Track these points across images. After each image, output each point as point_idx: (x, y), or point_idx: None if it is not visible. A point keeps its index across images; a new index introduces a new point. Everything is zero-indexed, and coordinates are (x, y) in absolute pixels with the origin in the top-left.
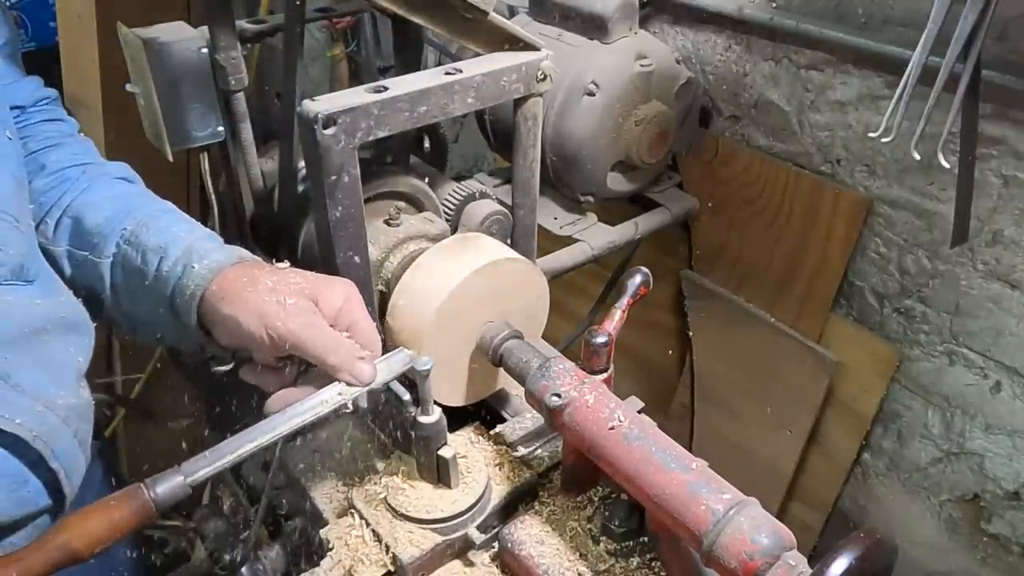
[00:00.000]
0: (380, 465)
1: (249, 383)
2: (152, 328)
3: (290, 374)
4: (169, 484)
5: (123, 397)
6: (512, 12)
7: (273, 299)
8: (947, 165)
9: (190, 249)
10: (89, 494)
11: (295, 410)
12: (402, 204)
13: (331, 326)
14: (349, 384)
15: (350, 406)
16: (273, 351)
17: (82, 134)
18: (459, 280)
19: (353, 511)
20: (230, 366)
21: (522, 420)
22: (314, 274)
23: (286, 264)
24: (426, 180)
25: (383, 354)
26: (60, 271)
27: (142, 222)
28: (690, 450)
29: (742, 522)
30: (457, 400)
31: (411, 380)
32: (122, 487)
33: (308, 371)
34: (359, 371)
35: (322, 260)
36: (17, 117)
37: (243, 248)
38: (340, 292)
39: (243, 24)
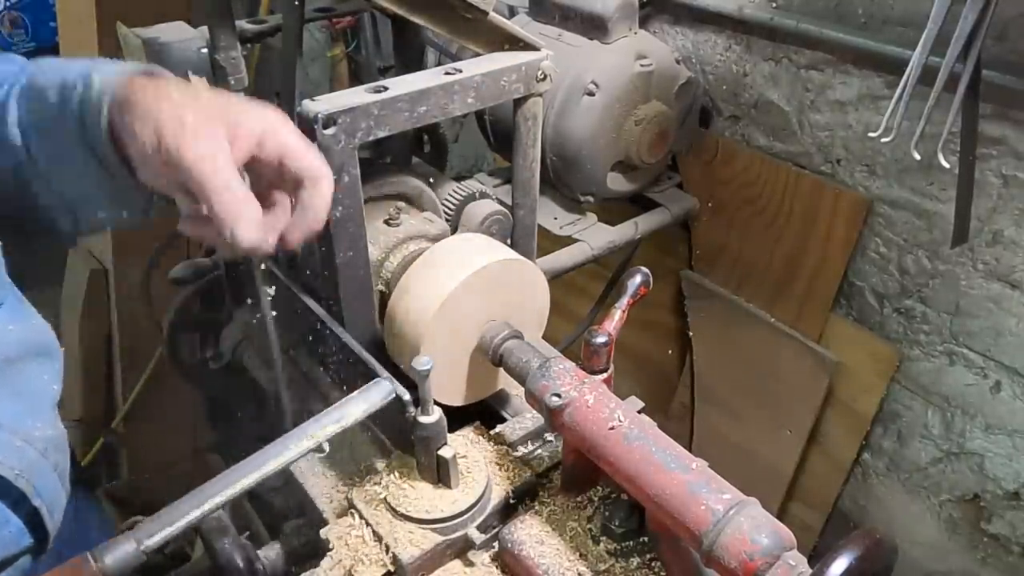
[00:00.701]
0: (380, 465)
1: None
2: (76, 186)
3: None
4: (120, 552)
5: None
6: (512, 12)
7: (175, 114)
8: (947, 165)
9: (91, 66)
10: (66, 526)
11: (256, 461)
12: (402, 204)
13: (254, 159)
14: (229, 241)
15: (326, 447)
16: (168, 176)
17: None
18: (459, 280)
19: (353, 511)
20: (223, 362)
21: (522, 420)
22: (236, 97)
23: (202, 79)
24: (426, 180)
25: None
26: None
27: (35, 72)
28: (690, 450)
29: (742, 522)
30: (457, 400)
31: (411, 380)
32: (105, 523)
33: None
34: (240, 229)
35: (322, 260)
36: None
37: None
38: (262, 118)
39: (243, 24)
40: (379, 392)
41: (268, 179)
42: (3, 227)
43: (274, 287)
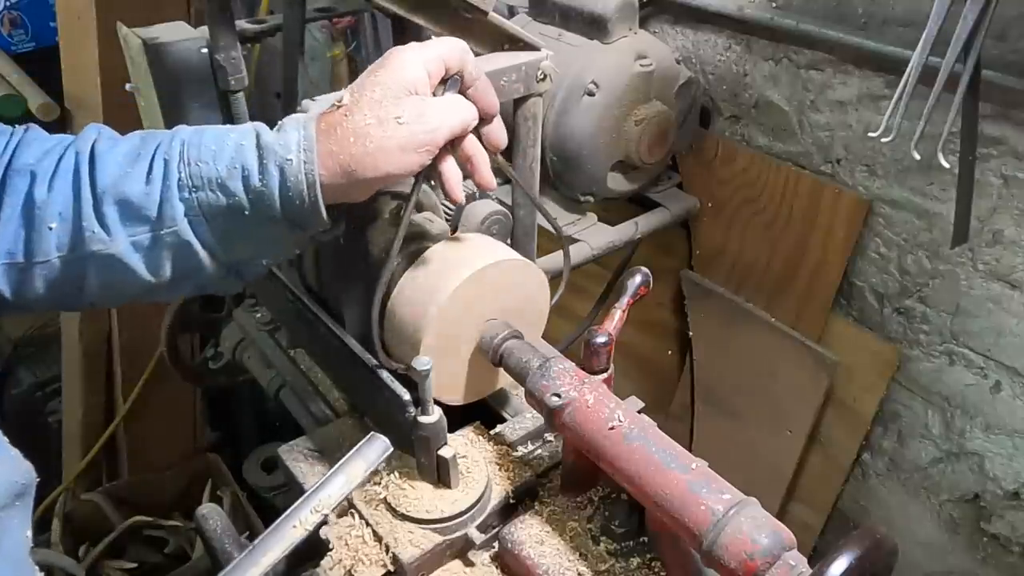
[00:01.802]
0: (380, 465)
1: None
2: (258, 256)
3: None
4: None
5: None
6: (512, 12)
7: (384, 127)
8: (947, 165)
9: (263, 147)
10: None
11: (257, 555)
12: (402, 204)
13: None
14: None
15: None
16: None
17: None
18: (460, 280)
19: (353, 511)
20: (223, 362)
21: (522, 420)
22: (371, 68)
23: (345, 95)
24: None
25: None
26: (129, 276)
27: (189, 160)
28: (690, 450)
29: (742, 522)
30: (457, 400)
31: (411, 380)
32: None
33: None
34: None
35: (322, 260)
36: None
37: (303, 115)
38: (413, 57)
39: (243, 24)
40: (375, 450)
41: None
42: None
43: None
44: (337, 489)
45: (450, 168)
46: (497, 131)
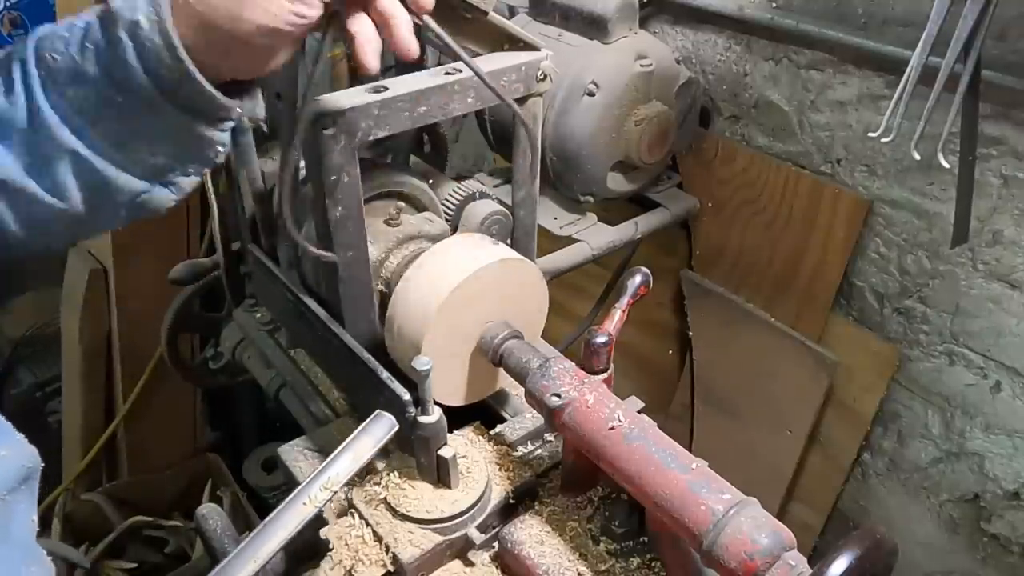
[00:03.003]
0: (380, 465)
1: None
2: (173, 161)
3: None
4: None
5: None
6: (512, 12)
7: None
8: (947, 165)
9: (105, 11)
10: None
11: (280, 519)
12: (402, 204)
13: None
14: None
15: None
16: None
17: None
18: (460, 280)
19: (353, 511)
20: (223, 362)
21: (522, 420)
22: None
23: None
24: (426, 180)
25: None
26: (36, 205)
27: (40, 39)
28: (690, 450)
29: (742, 522)
30: (457, 400)
31: (411, 380)
32: None
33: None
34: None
35: (322, 260)
36: None
37: None
38: None
39: None
40: (382, 427)
41: None
42: None
43: None
44: (346, 466)
45: (361, 28)
46: None
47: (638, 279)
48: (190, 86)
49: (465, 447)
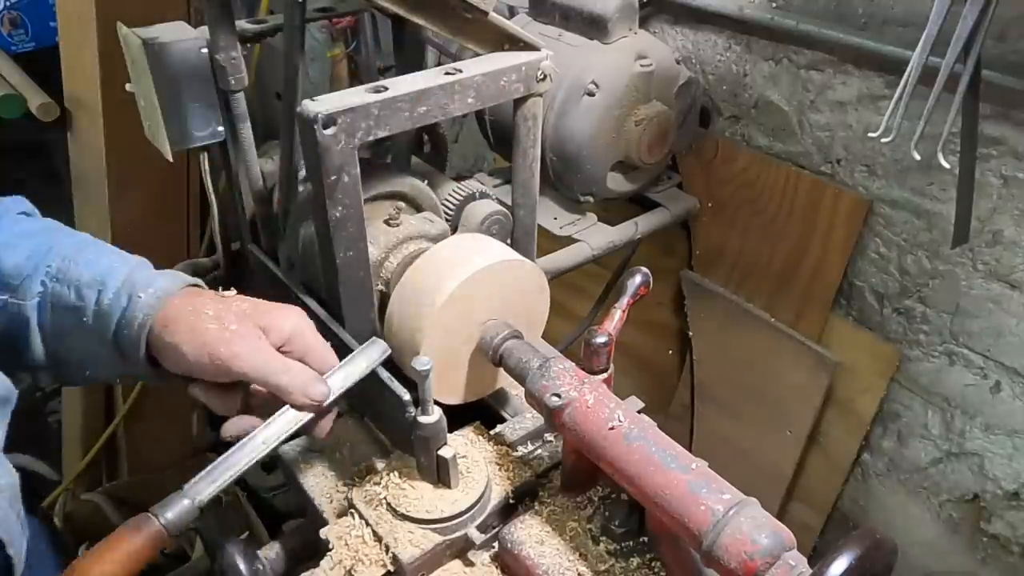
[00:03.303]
0: (380, 465)
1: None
2: (84, 366)
3: (239, 396)
4: (178, 509)
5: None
6: (512, 12)
7: (216, 325)
8: (947, 165)
9: (131, 279)
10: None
11: (285, 419)
12: (402, 204)
13: (284, 352)
14: (302, 408)
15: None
16: (220, 377)
17: None
18: (460, 280)
19: (353, 511)
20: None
21: (522, 420)
22: (263, 301)
23: (232, 292)
24: (426, 180)
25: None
26: None
27: (68, 257)
28: (690, 450)
29: (742, 522)
30: (456, 399)
31: (411, 380)
32: (66, 559)
33: (254, 396)
34: (311, 391)
35: (322, 260)
36: None
37: (183, 273)
38: (289, 319)
39: (243, 24)
40: (377, 349)
41: None
42: None
43: None
44: (338, 383)
45: (247, 407)
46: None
47: (638, 279)
48: (134, 351)
49: (465, 447)
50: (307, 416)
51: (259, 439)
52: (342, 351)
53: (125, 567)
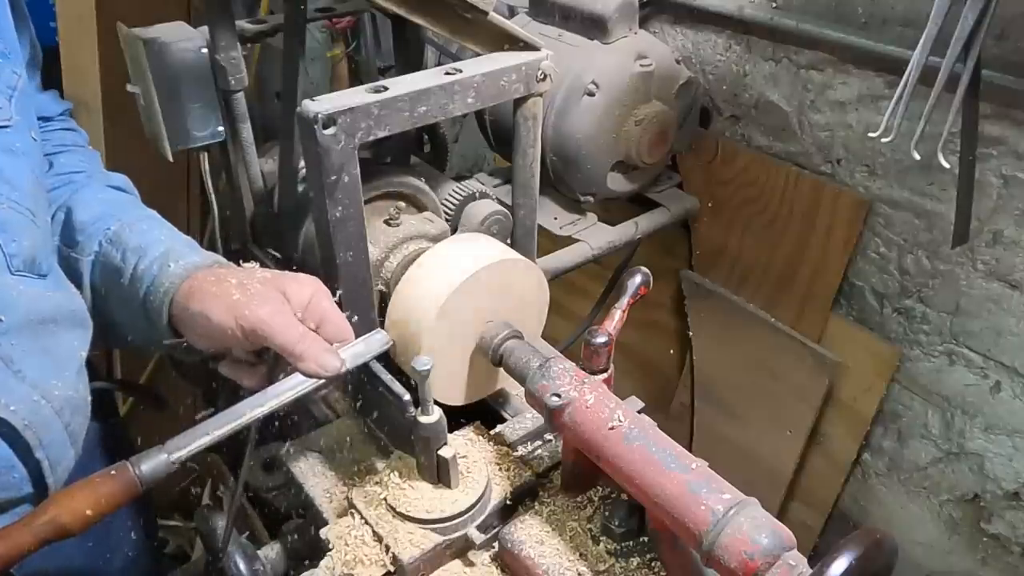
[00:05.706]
0: (380, 465)
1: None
2: (123, 329)
3: (266, 369)
4: (153, 462)
5: (131, 383)
6: (512, 12)
7: (240, 292)
8: (947, 165)
9: (168, 251)
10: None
11: (276, 390)
12: (402, 204)
13: (300, 320)
14: (315, 376)
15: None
16: (244, 342)
17: (90, 147)
18: (460, 280)
19: (353, 511)
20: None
21: (522, 420)
22: (282, 272)
23: (254, 264)
24: (426, 180)
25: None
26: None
27: (126, 224)
28: (690, 450)
29: (742, 522)
30: (457, 400)
31: (411, 380)
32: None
33: (280, 364)
34: (324, 361)
35: (322, 260)
36: (41, 125)
37: (221, 256)
38: (308, 286)
39: (243, 24)
40: (378, 340)
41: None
42: None
43: None
44: (349, 360)
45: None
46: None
47: (638, 279)
48: (159, 318)
49: (465, 447)
50: (296, 391)
51: (244, 406)
52: None
53: (96, 507)
